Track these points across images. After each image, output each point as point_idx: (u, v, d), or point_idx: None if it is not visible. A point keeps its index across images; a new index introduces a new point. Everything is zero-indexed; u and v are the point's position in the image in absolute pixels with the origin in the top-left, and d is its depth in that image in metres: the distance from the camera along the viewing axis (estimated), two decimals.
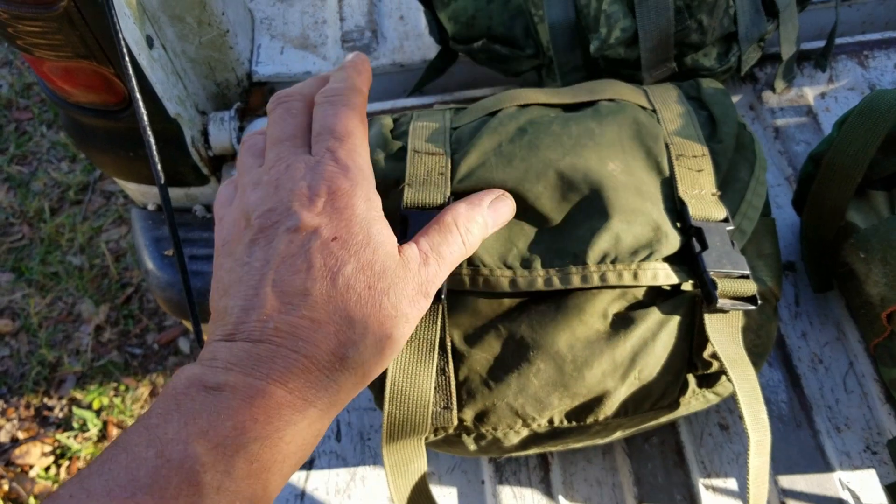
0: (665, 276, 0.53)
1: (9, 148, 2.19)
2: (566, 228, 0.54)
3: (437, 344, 0.52)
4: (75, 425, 1.71)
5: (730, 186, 0.59)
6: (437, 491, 0.71)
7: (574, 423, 0.57)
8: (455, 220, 0.46)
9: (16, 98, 2.33)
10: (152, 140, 0.66)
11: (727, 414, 0.72)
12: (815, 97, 0.93)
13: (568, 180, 0.54)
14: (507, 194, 0.52)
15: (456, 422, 0.55)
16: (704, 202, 0.56)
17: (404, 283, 0.39)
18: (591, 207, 0.53)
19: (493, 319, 0.54)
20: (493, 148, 0.56)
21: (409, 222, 0.50)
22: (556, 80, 0.85)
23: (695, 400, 0.59)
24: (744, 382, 0.53)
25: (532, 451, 0.62)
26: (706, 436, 0.71)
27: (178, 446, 0.30)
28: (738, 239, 0.57)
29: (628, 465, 0.71)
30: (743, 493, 0.69)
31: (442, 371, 0.54)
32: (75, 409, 1.72)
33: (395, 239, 0.42)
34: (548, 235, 0.54)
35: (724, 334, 0.54)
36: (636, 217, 0.53)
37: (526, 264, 0.53)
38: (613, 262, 0.53)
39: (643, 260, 0.53)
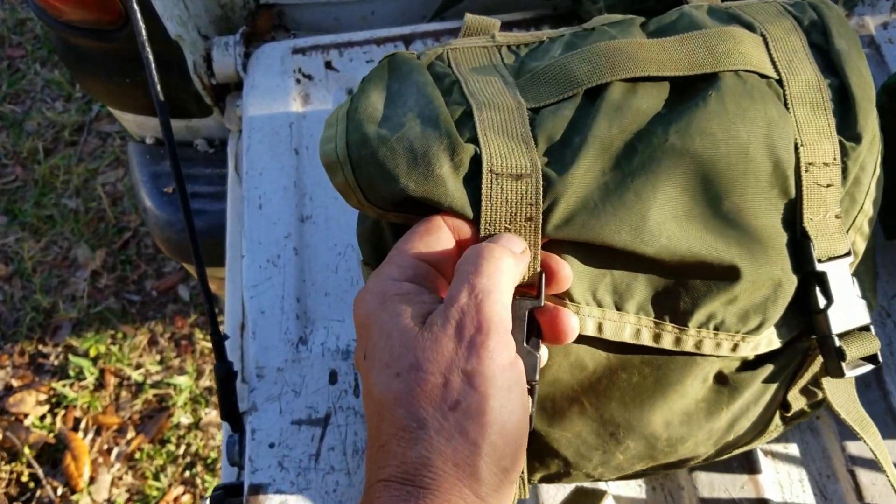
0: (767, 343, 0.47)
1: (1, 86, 2.14)
2: (680, 275, 0.46)
3: None
4: (71, 373, 1.69)
5: (847, 194, 0.50)
6: None
7: (649, 473, 0.53)
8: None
9: (8, 34, 2.25)
10: (150, 56, 0.58)
11: None
12: (876, 27, 0.86)
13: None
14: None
15: (526, 493, 0.48)
16: (829, 232, 0.47)
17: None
18: (719, 264, 0.45)
19: (577, 391, 0.47)
20: (595, 179, 0.44)
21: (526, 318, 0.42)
22: (597, 2, 0.76)
23: (775, 432, 0.55)
24: (877, 444, 0.49)
25: None
26: None
27: None
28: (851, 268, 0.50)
29: None
30: (806, 458, 0.62)
31: None
32: (71, 357, 1.70)
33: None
34: (655, 275, 0.46)
35: (842, 392, 0.50)
36: (762, 278, 0.46)
37: (618, 304, 0.45)
38: (717, 327, 0.46)
39: (750, 332, 0.46)
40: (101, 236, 1.87)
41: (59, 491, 1.53)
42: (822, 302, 0.46)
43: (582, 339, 0.45)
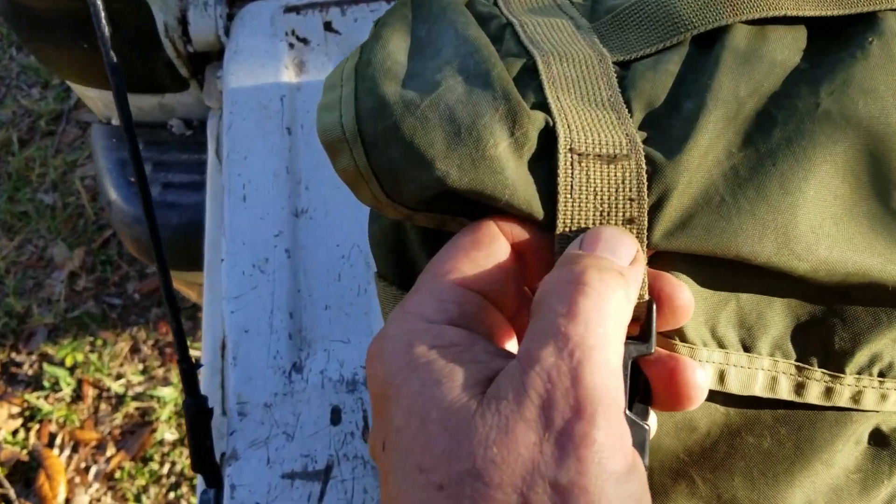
0: None
1: None
2: (834, 301, 0.38)
3: None
4: (46, 384, 1.65)
5: None
6: None
7: None
8: None
9: None
10: (99, 2, 0.48)
11: None
12: None
13: None
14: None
15: None
16: None
17: None
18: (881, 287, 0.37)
19: (685, 461, 0.39)
20: (718, 162, 0.36)
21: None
22: None
23: None
24: None
25: None
26: None
27: None
28: None
29: None
30: None
31: None
32: (46, 366, 1.66)
33: None
34: (798, 299, 0.38)
35: None
36: None
37: (747, 343, 0.37)
38: (883, 373, 0.38)
39: None
40: (80, 234, 1.84)
41: None
42: None
43: None
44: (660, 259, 0.36)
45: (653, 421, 0.36)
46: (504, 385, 0.27)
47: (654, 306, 0.33)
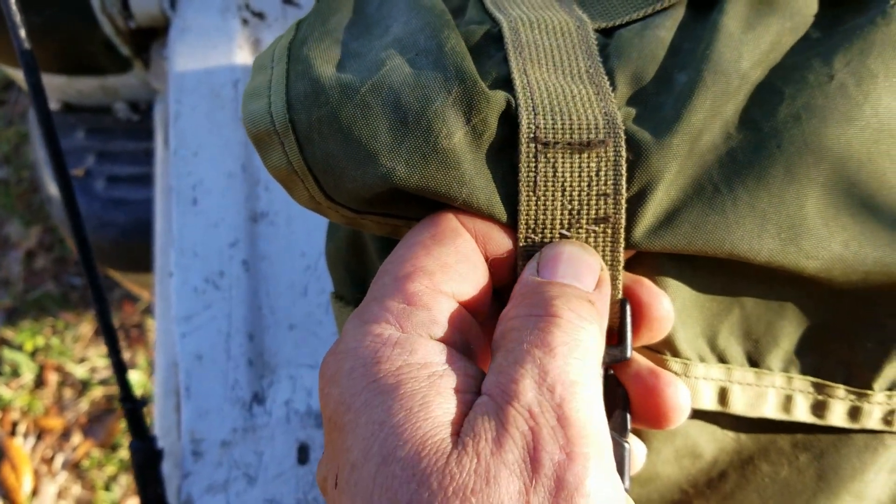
0: None
1: None
2: (854, 306, 0.35)
3: None
4: (6, 370, 1.60)
5: None
6: None
7: None
8: None
9: None
10: None
11: None
12: None
13: None
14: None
15: None
16: None
17: None
18: None
19: (688, 493, 0.38)
20: (714, 145, 0.32)
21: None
22: None
23: None
24: None
25: None
26: None
27: None
28: None
29: None
30: None
31: None
32: (6, 352, 1.61)
33: None
34: (812, 306, 0.35)
35: None
36: None
37: (753, 357, 0.35)
38: None
39: None
40: (36, 211, 1.77)
41: None
42: None
43: (695, 415, 0.35)
44: (644, 260, 0.33)
45: (640, 446, 0.34)
46: (479, 423, 0.24)
47: (629, 307, 0.32)
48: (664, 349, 0.34)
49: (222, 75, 0.69)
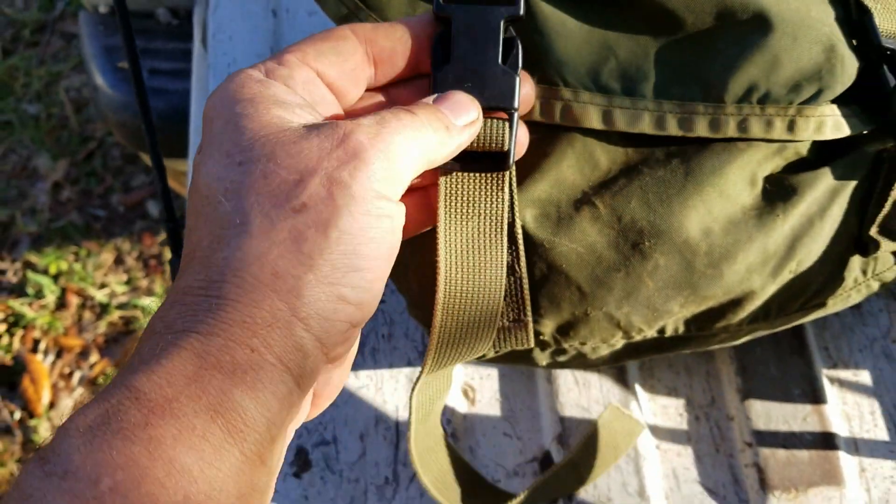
0: (834, 126, 0.41)
1: None
2: (702, 42, 0.40)
3: (502, 230, 0.37)
4: (30, 291, 1.62)
5: None
6: (473, 372, 0.54)
7: (693, 332, 0.45)
8: None
9: None
10: None
11: None
12: None
13: None
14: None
15: (532, 341, 0.41)
16: (893, 7, 0.42)
17: None
18: (743, 11, 0.39)
19: (586, 191, 0.42)
20: None
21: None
22: None
23: (855, 292, 0.46)
24: None
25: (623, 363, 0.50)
26: (831, 316, 0.55)
27: None
28: None
29: (729, 349, 0.54)
30: (880, 387, 0.53)
31: (511, 270, 0.40)
32: (30, 274, 1.63)
33: None
34: (671, 49, 0.40)
35: None
36: (803, 32, 0.39)
37: (629, 88, 0.40)
38: (762, 101, 0.40)
39: (805, 102, 0.40)
40: (64, 146, 1.79)
41: (17, 415, 1.49)
42: (892, 80, 0.40)
43: (591, 132, 0.40)
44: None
45: (523, 129, 0.37)
46: (314, 123, 0.31)
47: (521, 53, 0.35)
48: (559, 81, 0.39)
49: None
